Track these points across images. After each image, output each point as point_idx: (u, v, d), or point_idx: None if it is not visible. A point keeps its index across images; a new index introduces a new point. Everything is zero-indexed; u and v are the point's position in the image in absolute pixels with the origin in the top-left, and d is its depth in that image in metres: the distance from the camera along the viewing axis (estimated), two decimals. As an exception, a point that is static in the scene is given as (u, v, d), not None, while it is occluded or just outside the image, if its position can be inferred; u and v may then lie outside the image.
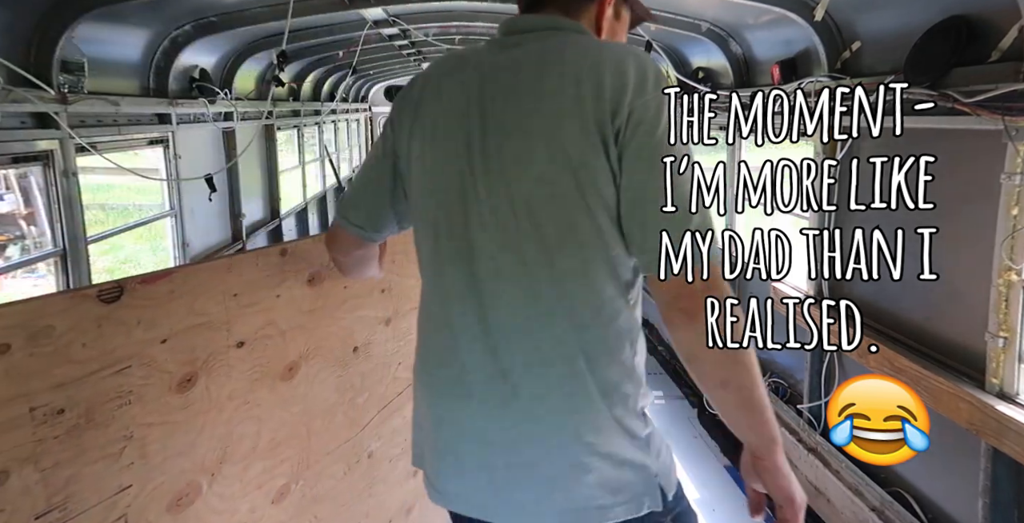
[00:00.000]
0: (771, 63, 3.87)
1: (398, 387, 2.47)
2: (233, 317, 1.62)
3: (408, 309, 2.35)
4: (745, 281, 4.77)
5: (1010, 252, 2.28)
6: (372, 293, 2.15)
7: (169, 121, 4.32)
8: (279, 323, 1.80)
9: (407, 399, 2.54)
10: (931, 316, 2.80)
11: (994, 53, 2.30)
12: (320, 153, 9.00)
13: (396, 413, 2.51)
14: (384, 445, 2.51)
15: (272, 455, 1.92)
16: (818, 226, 3.49)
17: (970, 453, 2.49)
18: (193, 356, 1.57)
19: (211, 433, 1.69)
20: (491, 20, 5.65)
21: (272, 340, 1.79)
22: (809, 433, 3.64)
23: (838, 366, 3.44)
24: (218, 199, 5.03)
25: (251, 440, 1.83)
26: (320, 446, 2.14)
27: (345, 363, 2.12)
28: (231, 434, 1.76)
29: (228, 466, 1.77)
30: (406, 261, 2.22)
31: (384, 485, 2.63)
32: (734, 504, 3.79)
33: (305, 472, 2.10)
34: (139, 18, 3.81)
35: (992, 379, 2.39)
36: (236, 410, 1.75)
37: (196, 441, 1.66)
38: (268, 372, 1.81)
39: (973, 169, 2.54)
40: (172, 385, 1.45)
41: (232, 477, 1.80)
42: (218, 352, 1.65)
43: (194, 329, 1.53)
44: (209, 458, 1.71)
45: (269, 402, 1.85)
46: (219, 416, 1.69)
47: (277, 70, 4.68)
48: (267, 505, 1.97)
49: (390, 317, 2.28)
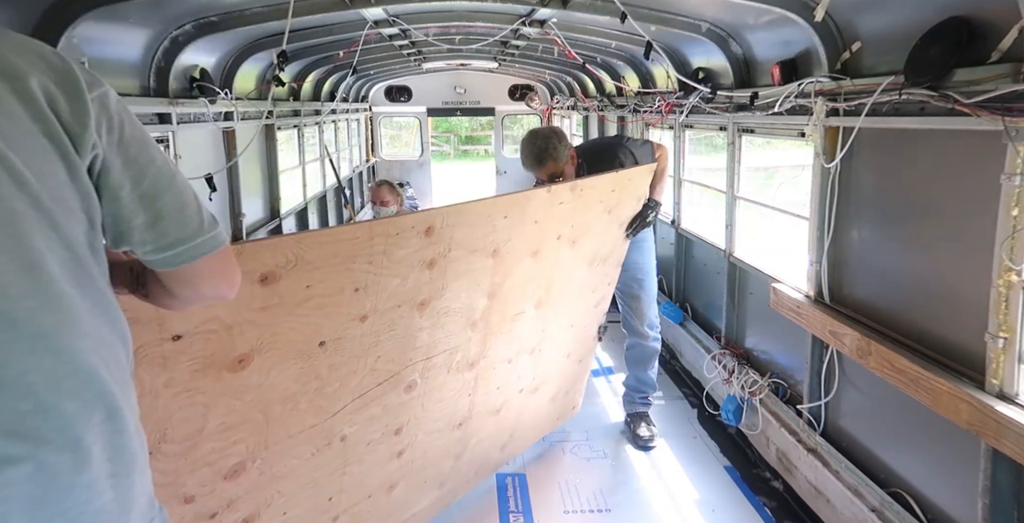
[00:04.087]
0: (771, 63, 3.88)
1: (377, 378, 2.56)
2: (165, 314, 1.69)
3: (390, 306, 2.42)
4: (746, 280, 4.77)
5: (1010, 252, 2.28)
6: (343, 291, 2.20)
7: (169, 121, 4.33)
8: (223, 319, 1.88)
9: (389, 388, 2.64)
10: (931, 316, 2.80)
11: (994, 53, 2.30)
12: (320, 153, 9.00)
13: (374, 402, 2.61)
14: (359, 430, 2.62)
15: (222, 437, 2.04)
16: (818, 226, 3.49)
17: (970, 453, 2.50)
18: None
19: (147, 416, 1.76)
20: (491, 20, 5.65)
21: (216, 334, 1.88)
22: (809, 434, 3.63)
23: (838, 366, 3.44)
24: (218, 199, 5.04)
25: (196, 423, 1.94)
26: (281, 430, 2.24)
27: (308, 356, 2.19)
28: (171, 418, 1.86)
29: (169, 446, 1.89)
30: (387, 261, 2.29)
31: (360, 465, 2.72)
32: (734, 504, 3.79)
33: (263, 453, 2.20)
34: (139, 18, 3.81)
35: (992, 380, 2.39)
36: (175, 397, 1.85)
37: None
38: (212, 363, 1.90)
39: (973, 169, 2.54)
40: None
41: (174, 455, 1.91)
42: (149, 344, 1.74)
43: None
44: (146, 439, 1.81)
45: (215, 391, 1.94)
46: (155, 402, 1.80)
47: (277, 70, 4.67)
48: (218, 480, 2.09)
49: (366, 314, 2.33)
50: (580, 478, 4.00)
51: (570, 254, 3.43)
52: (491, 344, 3.18)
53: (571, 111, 10.86)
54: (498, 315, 3.11)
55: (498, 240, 2.82)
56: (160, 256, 1.23)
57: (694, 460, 4.24)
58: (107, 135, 1.16)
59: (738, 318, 4.90)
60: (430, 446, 3.14)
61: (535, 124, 14.01)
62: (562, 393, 4.20)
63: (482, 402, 3.38)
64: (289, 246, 1.96)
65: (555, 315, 3.61)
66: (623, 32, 5.16)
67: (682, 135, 5.90)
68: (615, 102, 7.88)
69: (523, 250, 3.03)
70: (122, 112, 1.19)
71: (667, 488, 3.94)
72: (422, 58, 8.75)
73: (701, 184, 5.94)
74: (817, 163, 3.45)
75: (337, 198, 9.83)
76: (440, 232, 2.47)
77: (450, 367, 2.97)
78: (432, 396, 2.95)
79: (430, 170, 13.76)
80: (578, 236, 3.40)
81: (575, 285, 3.67)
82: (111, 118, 1.17)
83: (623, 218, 3.76)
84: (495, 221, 2.76)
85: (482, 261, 2.80)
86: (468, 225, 2.61)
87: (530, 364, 3.65)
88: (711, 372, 4.81)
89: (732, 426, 4.43)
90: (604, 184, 3.46)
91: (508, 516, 3.66)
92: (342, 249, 2.13)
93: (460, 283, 2.73)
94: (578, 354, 4.15)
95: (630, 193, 3.70)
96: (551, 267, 3.32)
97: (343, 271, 2.16)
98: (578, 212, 3.30)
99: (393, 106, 13.03)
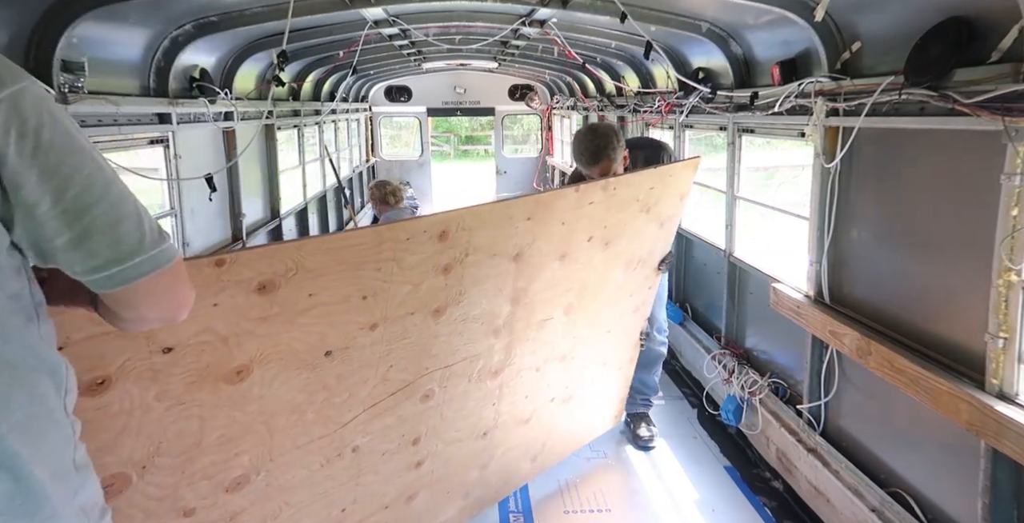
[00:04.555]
0: (771, 63, 3.88)
1: (389, 388, 2.48)
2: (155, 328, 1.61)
3: (402, 314, 2.34)
4: (746, 280, 4.77)
5: (1010, 252, 2.28)
6: (348, 300, 2.12)
7: (169, 121, 4.33)
8: (218, 329, 1.81)
9: (403, 398, 2.57)
10: (931, 316, 2.80)
11: (994, 53, 2.30)
12: (320, 153, 9.00)
13: (388, 412, 2.54)
14: (373, 440, 2.55)
15: (223, 450, 1.99)
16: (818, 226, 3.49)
17: (970, 453, 2.49)
18: (103, 362, 1.61)
19: (138, 431, 1.74)
20: (491, 20, 5.66)
21: (211, 345, 1.81)
22: (809, 433, 3.63)
23: (838, 367, 3.44)
24: (218, 199, 5.04)
25: (192, 436, 1.89)
26: (287, 441, 2.18)
27: (314, 366, 2.12)
28: (165, 431, 1.81)
29: (164, 459, 1.84)
30: (397, 267, 2.22)
31: (375, 475, 2.67)
32: (734, 504, 3.79)
33: (268, 464, 2.15)
34: (139, 18, 3.81)
35: (992, 380, 2.39)
36: (168, 410, 1.79)
37: (118, 439, 1.72)
38: (208, 375, 1.84)
39: (973, 169, 2.54)
40: (81, 388, 1.50)
41: (170, 468, 1.86)
42: (137, 358, 1.67)
43: (100, 337, 1.56)
44: (138, 452, 1.77)
45: (211, 403, 1.88)
46: (146, 416, 1.74)
47: (277, 70, 4.68)
48: (220, 493, 2.05)
49: (376, 322, 2.26)
50: (580, 478, 4.00)
51: (603, 256, 3.24)
52: (516, 351, 3.05)
53: (571, 111, 10.86)
54: (523, 321, 2.98)
55: (521, 243, 2.68)
56: (91, 278, 1.08)
57: (694, 460, 4.24)
58: (16, 143, 0.99)
59: (738, 318, 4.90)
60: (451, 456, 3.04)
61: (535, 124, 14.01)
62: (600, 402, 4.06)
63: (508, 411, 3.27)
64: (288, 253, 1.89)
65: (588, 321, 3.44)
66: (623, 32, 5.16)
67: (682, 135, 5.90)
68: (615, 102, 7.88)
69: (549, 253, 2.87)
70: (42, 113, 1.03)
71: (667, 488, 3.94)
72: (422, 58, 8.75)
73: (701, 184, 5.94)
74: (817, 163, 3.45)
75: (337, 198, 9.83)
76: (456, 236, 2.35)
77: (471, 376, 2.86)
78: (452, 405, 2.85)
79: (430, 170, 13.77)
80: (612, 237, 3.21)
81: (610, 289, 3.49)
82: (24, 122, 1.00)
83: (663, 216, 3.52)
84: (517, 223, 2.61)
85: (504, 265, 2.66)
86: (487, 228, 2.47)
87: (561, 372, 3.50)
88: (711, 372, 4.81)
89: (732, 426, 4.43)
90: (641, 181, 3.23)
91: (508, 516, 3.65)
92: (348, 256, 2.04)
93: (480, 289, 2.61)
94: (617, 362, 3.97)
95: (673, 190, 3.46)
96: (582, 270, 3.15)
97: (349, 278, 2.08)
98: (612, 211, 3.09)
99: (393, 106, 13.04)
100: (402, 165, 13.65)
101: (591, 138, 3.60)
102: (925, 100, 2.59)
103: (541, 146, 13.50)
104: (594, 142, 3.57)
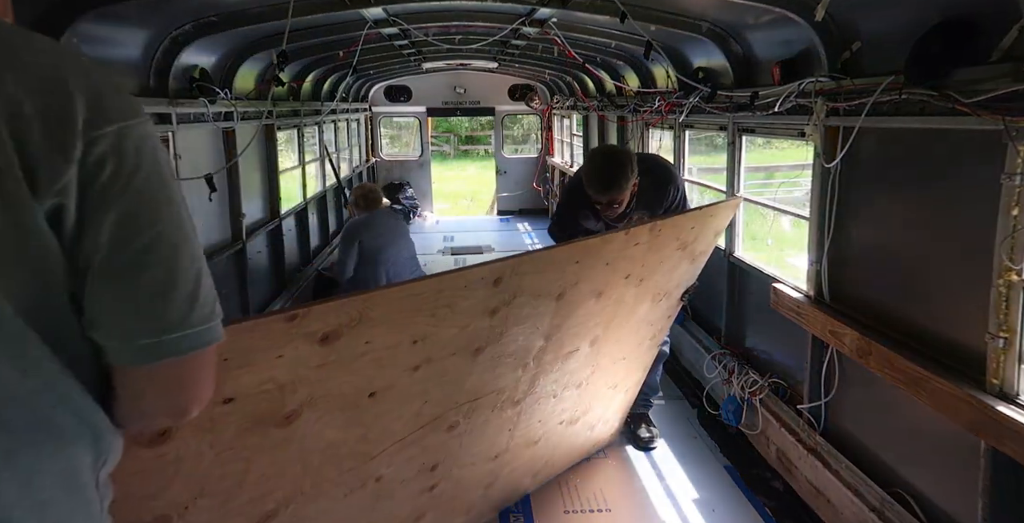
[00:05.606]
0: (771, 63, 3.87)
1: (420, 422, 2.49)
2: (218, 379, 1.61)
3: (445, 355, 2.34)
4: (746, 280, 4.77)
5: (1010, 252, 2.28)
6: (400, 345, 2.12)
7: (169, 121, 4.32)
8: (279, 379, 1.80)
9: (430, 431, 2.58)
10: (931, 316, 2.80)
11: (994, 53, 2.30)
12: (320, 153, 9.00)
13: (414, 444, 2.54)
14: (396, 470, 2.55)
15: (259, 488, 1.97)
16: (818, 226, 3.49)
17: (970, 453, 2.49)
18: None
19: (187, 476, 1.72)
20: (491, 20, 5.65)
21: (269, 394, 1.80)
22: (809, 433, 3.63)
23: (838, 367, 3.44)
24: (218, 199, 5.04)
25: (236, 478, 1.87)
26: (318, 476, 2.17)
27: (357, 406, 2.12)
28: (209, 475, 1.78)
29: (206, 500, 1.81)
30: (450, 313, 2.22)
31: (391, 501, 2.67)
32: (734, 504, 3.79)
33: (298, 497, 2.14)
34: (139, 18, 3.81)
35: (992, 380, 2.39)
36: (218, 456, 1.77)
37: (168, 485, 1.70)
38: (261, 421, 1.83)
39: (973, 169, 2.54)
40: (143, 441, 1.46)
41: (209, 509, 1.84)
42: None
43: None
44: (183, 495, 1.75)
45: (259, 447, 1.87)
46: (197, 463, 1.72)
47: (277, 70, 4.68)
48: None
49: (419, 364, 2.26)
50: (580, 478, 4.00)
51: (635, 292, 3.27)
52: (540, 382, 3.07)
53: (571, 111, 10.86)
54: (552, 354, 2.99)
55: (565, 284, 2.70)
56: (112, 344, 0.92)
57: (694, 460, 4.23)
58: (108, 179, 0.89)
59: (738, 318, 4.90)
60: (463, 478, 3.06)
61: (535, 124, 14.01)
62: (602, 421, 4.10)
63: (522, 435, 3.28)
64: (356, 305, 1.88)
65: (608, 350, 3.46)
66: (623, 32, 5.15)
67: (682, 135, 5.90)
68: (615, 102, 7.88)
69: (588, 291, 2.89)
70: (143, 155, 0.92)
71: (667, 488, 3.94)
72: (422, 58, 8.75)
73: (701, 184, 5.94)
74: (817, 163, 3.45)
75: (337, 198, 9.83)
76: (508, 281, 2.37)
77: (495, 406, 2.87)
78: (473, 434, 2.86)
79: (430, 170, 13.76)
80: (648, 274, 3.24)
81: (634, 321, 3.50)
82: (122, 161, 0.90)
83: (696, 252, 3.56)
84: (566, 266, 2.64)
85: (546, 305, 2.69)
86: (538, 272, 2.51)
87: (575, 397, 3.52)
88: (711, 372, 4.81)
89: (732, 426, 4.43)
90: (685, 222, 3.25)
91: (508, 516, 3.65)
92: (407, 304, 2.05)
93: (519, 328, 2.62)
94: (624, 385, 4.01)
95: (710, 229, 3.49)
96: (613, 305, 3.17)
97: (405, 325, 2.07)
98: (652, 251, 3.12)
99: (393, 106, 13.03)
100: (402, 165, 13.65)
101: (606, 166, 3.57)
102: (925, 100, 2.59)
103: (541, 146, 13.50)
104: (609, 171, 3.54)
